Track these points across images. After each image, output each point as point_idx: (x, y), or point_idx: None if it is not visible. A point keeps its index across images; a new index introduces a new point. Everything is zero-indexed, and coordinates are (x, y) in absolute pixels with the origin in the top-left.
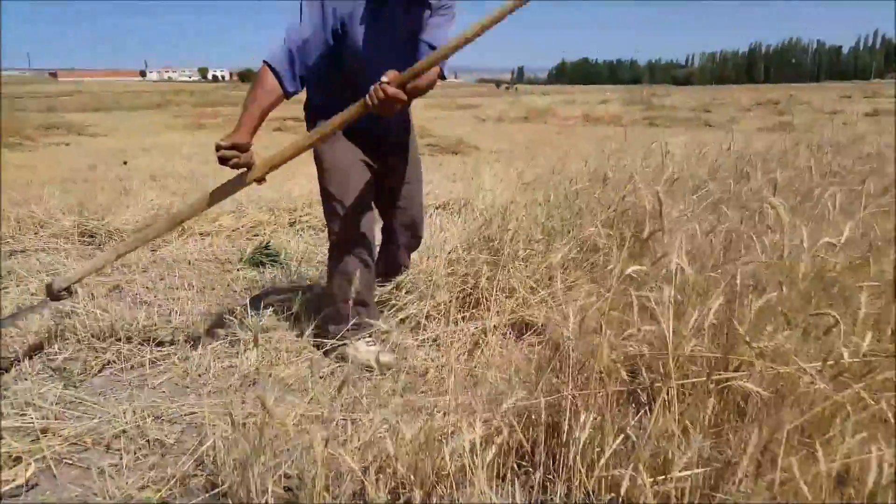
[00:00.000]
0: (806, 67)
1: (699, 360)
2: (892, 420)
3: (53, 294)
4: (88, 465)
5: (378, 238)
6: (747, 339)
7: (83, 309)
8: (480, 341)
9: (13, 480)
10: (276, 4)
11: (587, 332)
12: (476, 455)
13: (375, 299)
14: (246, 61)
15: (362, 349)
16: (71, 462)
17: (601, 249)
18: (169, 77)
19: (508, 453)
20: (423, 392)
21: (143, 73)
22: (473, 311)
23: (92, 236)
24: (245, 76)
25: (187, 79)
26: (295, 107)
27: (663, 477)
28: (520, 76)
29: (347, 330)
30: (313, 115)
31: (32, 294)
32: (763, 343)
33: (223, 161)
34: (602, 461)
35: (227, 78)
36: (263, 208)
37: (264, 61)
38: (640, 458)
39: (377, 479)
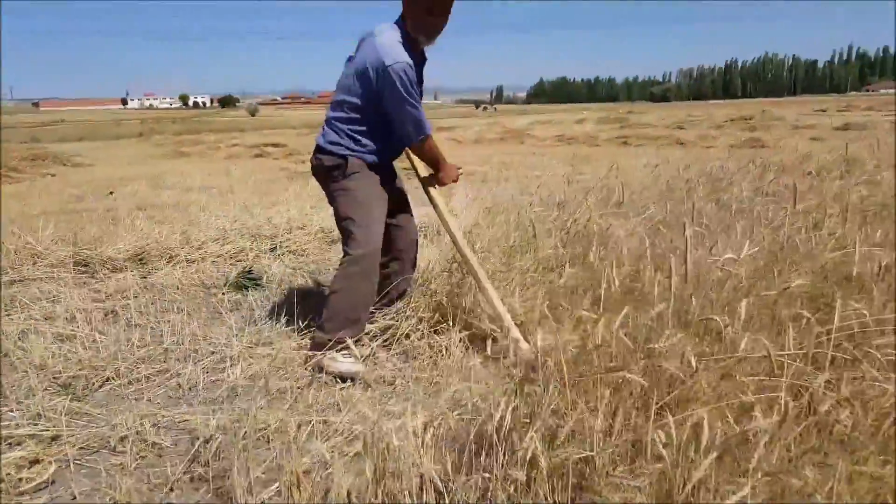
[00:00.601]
0: (782, 82)
1: (605, 356)
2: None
3: None
4: (97, 465)
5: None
6: (638, 340)
7: (83, 333)
8: (444, 353)
9: (35, 479)
10: (259, 32)
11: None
12: (418, 436)
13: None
14: (226, 87)
15: (339, 359)
16: (81, 463)
17: (556, 268)
18: (150, 104)
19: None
20: (390, 397)
21: (124, 101)
22: (442, 325)
23: (86, 265)
24: (225, 101)
25: (168, 106)
26: (273, 137)
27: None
28: (499, 96)
29: (332, 342)
30: (365, 153)
31: (35, 320)
32: (660, 343)
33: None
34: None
35: (209, 104)
36: (245, 235)
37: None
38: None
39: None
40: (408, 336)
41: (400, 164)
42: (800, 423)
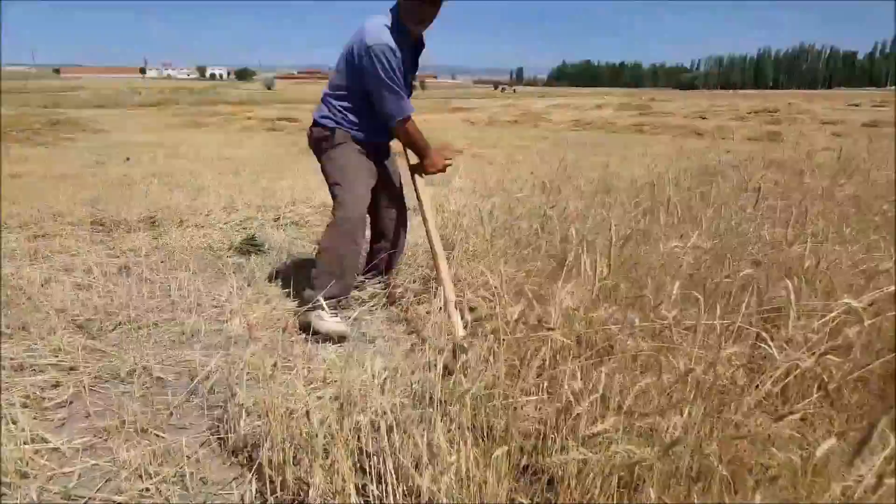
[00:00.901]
0: (818, 73)
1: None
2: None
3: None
4: (108, 392)
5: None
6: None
7: (98, 283)
8: (424, 318)
9: (55, 399)
10: (276, 3)
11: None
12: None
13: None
14: (243, 60)
15: (325, 318)
16: (95, 390)
17: (531, 245)
18: (168, 74)
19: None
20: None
21: (142, 71)
22: (426, 295)
23: (102, 225)
24: (242, 74)
25: (185, 76)
26: (287, 111)
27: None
28: (519, 77)
29: (318, 300)
30: (351, 129)
31: (56, 270)
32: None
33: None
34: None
35: (225, 76)
36: (252, 206)
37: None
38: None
39: (318, 398)
40: (393, 303)
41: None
42: (684, 382)
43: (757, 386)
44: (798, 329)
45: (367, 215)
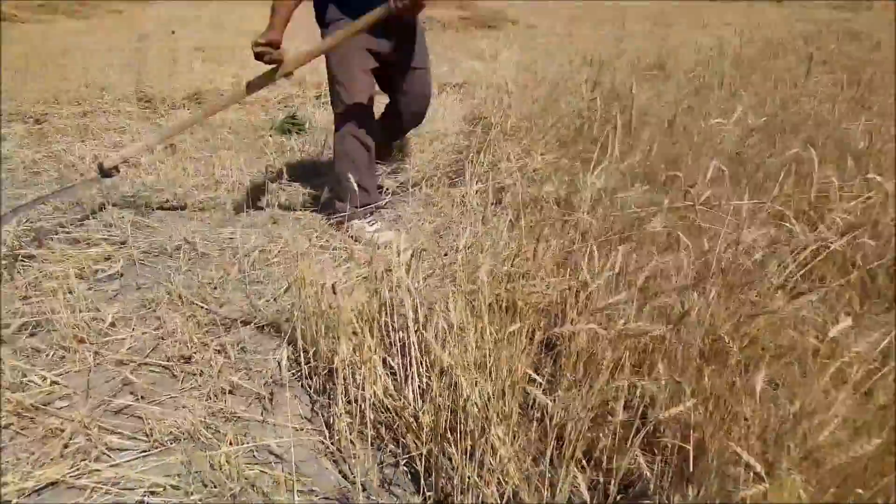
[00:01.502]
0: None
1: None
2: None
3: (105, 172)
4: (156, 266)
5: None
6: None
7: (145, 161)
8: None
9: (107, 271)
10: None
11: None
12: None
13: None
14: None
15: (366, 228)
16: (144, 263)
17: (573, 125)
18: None
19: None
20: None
21: None
22: (459, 179)
23: (148, 101)
24: None
25: None
26: None
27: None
28: None
29: (351, 210)
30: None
31: (105, 147)
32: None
33: (259, 57)
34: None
35: None
36: (293, 82)
37: None
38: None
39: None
40: (424, 187)
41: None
42: (704, 262)
43: (779, 266)
44: (839, 212)
45: (372, 97)
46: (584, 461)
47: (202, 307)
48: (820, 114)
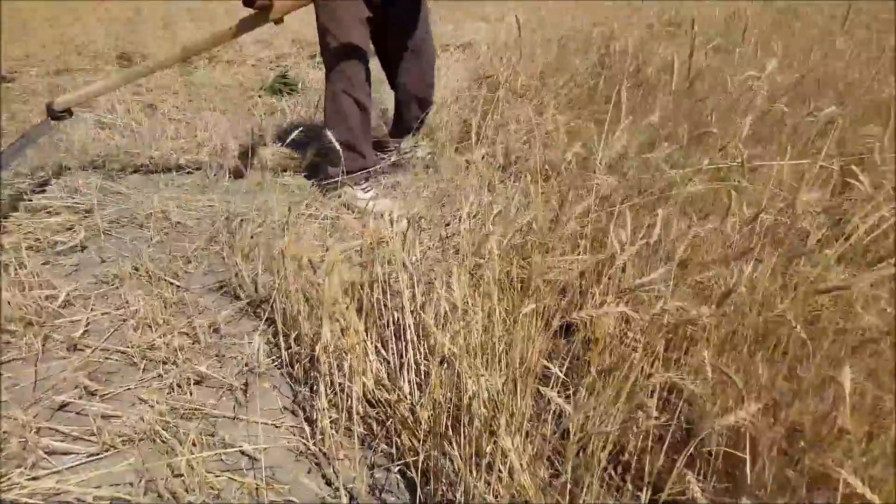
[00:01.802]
0: None
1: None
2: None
3: (54, 114)
4: (124, 237)
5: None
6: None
7: (120, 122)
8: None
9: (68, 243)
10: None
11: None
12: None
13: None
14: None
15: (360, 195)
16: (110, 234)
17: (585, 84)
18: None
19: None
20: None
21: None
22: (467, 143)
23: (129, 59)
24: None
25: None
26: None
27: None
28: None
29: (342, 174)
30: None
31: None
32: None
33: (248, 3)
34: None
35: None
36: (287, 41)
37: None
38: None
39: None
40: (430, 154)
41: None
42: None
43: (839, 238)
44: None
45: (367, 53)
46: (611, 469)
47: (171, 283)
48: (851, 74)
